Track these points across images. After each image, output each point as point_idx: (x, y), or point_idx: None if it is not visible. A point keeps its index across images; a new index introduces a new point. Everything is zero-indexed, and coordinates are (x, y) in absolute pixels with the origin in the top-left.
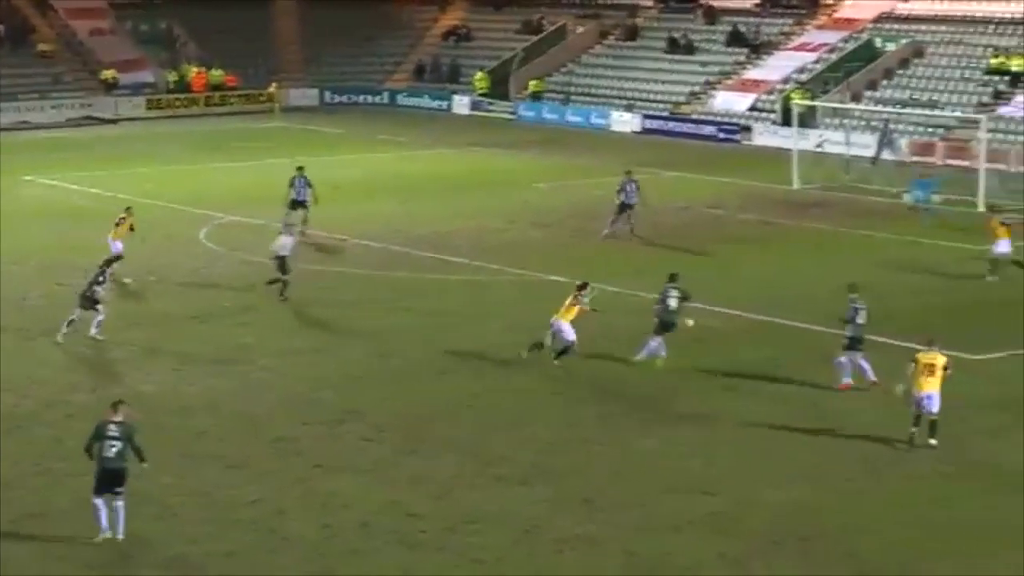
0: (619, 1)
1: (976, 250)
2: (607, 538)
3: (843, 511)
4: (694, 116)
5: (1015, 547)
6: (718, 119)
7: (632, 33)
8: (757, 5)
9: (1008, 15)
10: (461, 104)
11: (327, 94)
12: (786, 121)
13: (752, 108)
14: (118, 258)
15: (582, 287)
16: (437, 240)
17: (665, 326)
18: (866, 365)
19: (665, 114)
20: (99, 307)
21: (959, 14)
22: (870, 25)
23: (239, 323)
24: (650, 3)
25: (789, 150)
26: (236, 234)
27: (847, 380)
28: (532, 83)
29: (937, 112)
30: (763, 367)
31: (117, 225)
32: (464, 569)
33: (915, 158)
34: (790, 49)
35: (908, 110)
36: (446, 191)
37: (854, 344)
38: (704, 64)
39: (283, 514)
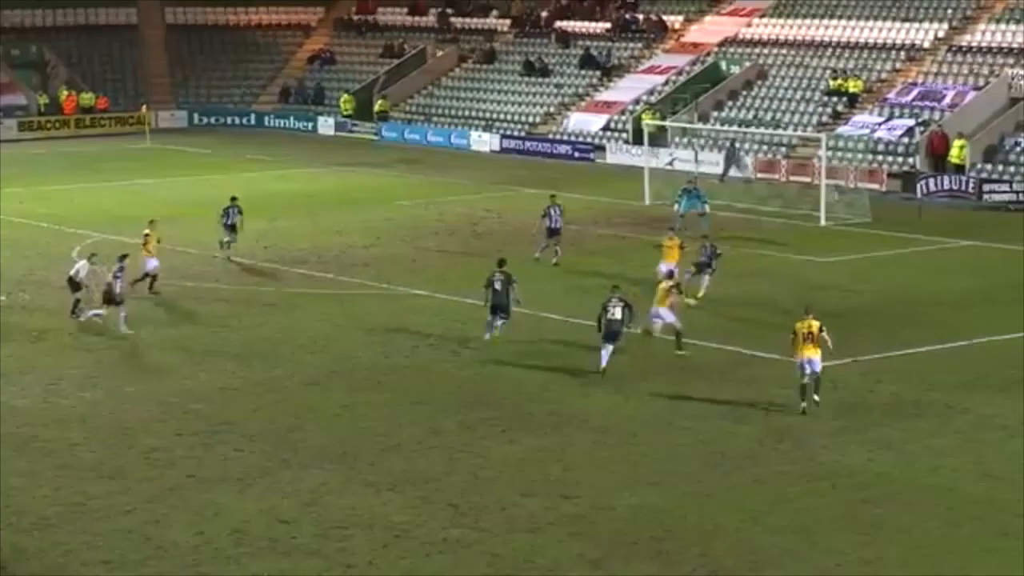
0: (477, 26)
1: (820, 262)
2: (472, 541)
3: (694, 512)
4: (550, 136)
5: (859, 545)
6: (573, 139)
7: (490, 57)
8: (608, 30)
9: (845, 40)
10: (326, 125)
11: (196, 116)
12: (637, 141)
13: (605, 128)
14: (155, 276)
15: (671, 277)
16: (304, 256)
17: (611, 335)
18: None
19: (522, 134)
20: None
21: (800, 38)
22: (716, 49)
23: (113, 338)
24: (506, 28)
25: (641, 168)
26: (108, 252)
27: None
28: (379, 103)
29: (780, 131)
30: (616, 373)
31: (145, 244)
32: (336, 572)
33: (760, 175)
34: (640, 72)
35: (753, 129)
36: (313, 209)
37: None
38: (559, 86)
39: (158, 523)
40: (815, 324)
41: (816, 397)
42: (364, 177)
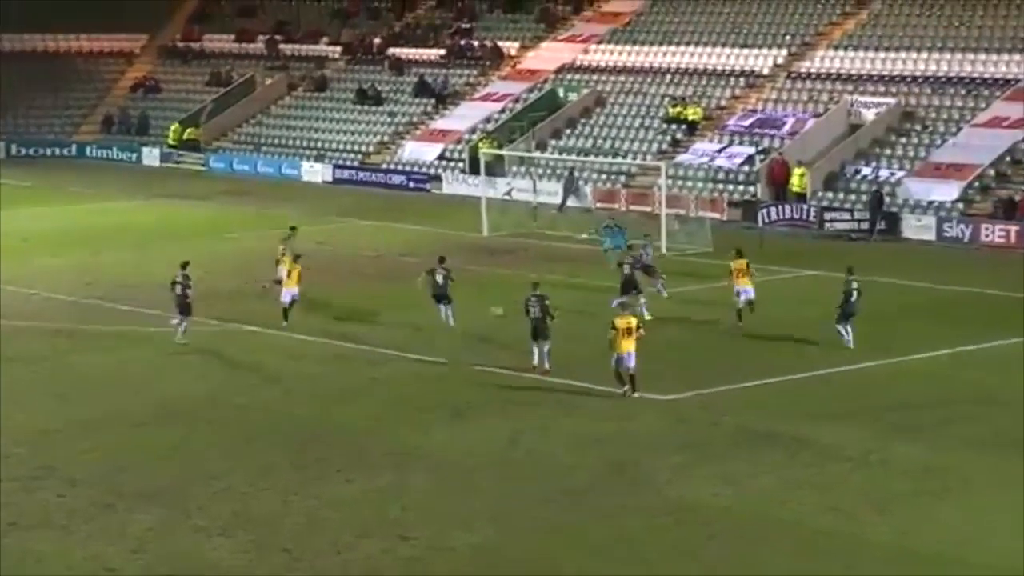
0: (307, 53)
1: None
2: None
3: (535, 550)
4: (384, 166)
5: None
6: (408, 168)
7: (321, 84)
8: (443, 57)
9: (684, 66)
10: (151, 156)
11: (14, 147)
12: (474, 170)
13: (441, 157)
14: (293, 302)
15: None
16: (129, 292)
17: (538, 333)
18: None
19: (355, 164)
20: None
21: (638, 65)
22: (553, 76)
23: None
24: (338, 55)
25: (478, 198)
26: None
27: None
28: (185, 131)
29: (619, 160)
30: (456, 410)
31: (291, 276)
32: None
33: (599, 204)
34: (476, 100)
35: (592, 158)
36: (137, 242)
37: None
38: (392, 115)
39: None
40: (634, 321)
41: (636, 394)
42: (191, 209)
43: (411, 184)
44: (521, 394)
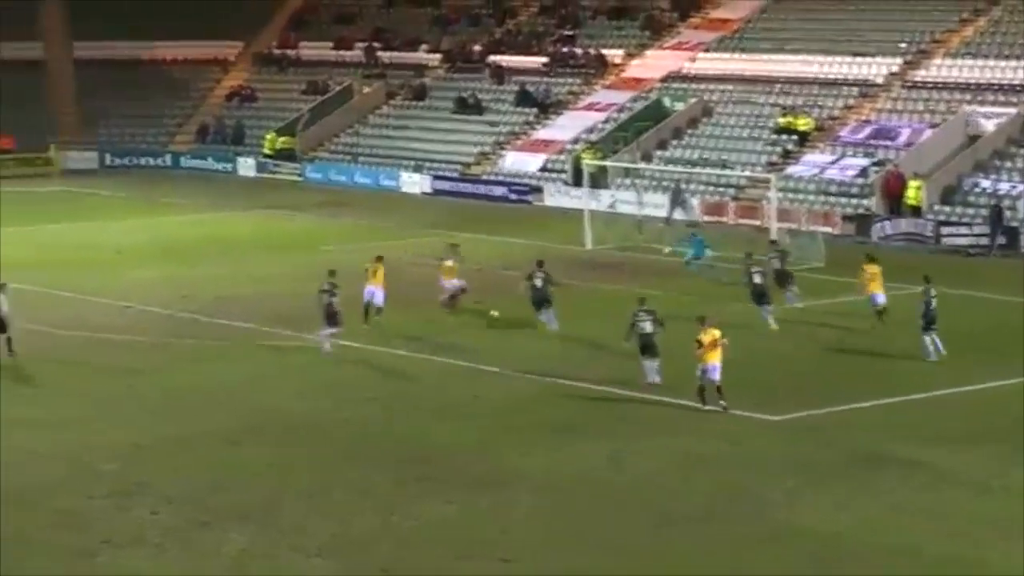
0: (406, 61)
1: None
2: None
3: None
4: (484, 177)
5: None
6: (509, 180)
7: (419, 93)
8: (545, 65)
9: (795, 75)
10: (247, 166)
11: (108, 157)
12: (577, 181)
13: (543, 168)
14: (378, 309)
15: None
16: (224, 306)
17: (647, 349)
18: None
19: (455, 175)
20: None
21: (746, 74)
22: (658, 85)
23: (17, 393)
24: (437, 63)
25: (581, 210)
26: (18, 301)
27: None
28: (280, 140)
29: (727, 172)
30: (558, 428)
31: (375, 275)
32: None
33: (707, 218)
34: (579, 109)
35: (699, 170)
36: (232, 255)
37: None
38: (493, 124)
39: None
40: (717, 332)
41: (723, 403)
42: (287, 220)
43: (512, 196)
44: (625, 412)
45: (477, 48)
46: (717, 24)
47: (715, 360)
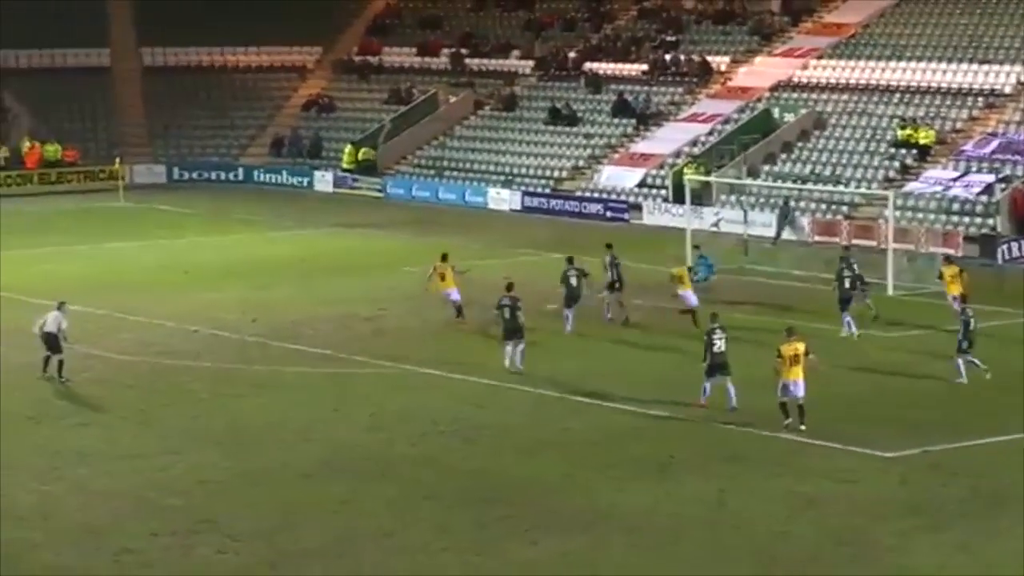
0: (495, 68)
1: (886, 337)
2: None
3: None
4: (578, 193)
5: None
6: (604, 196)
7: (510, 103)
8: (645, 73)
9: (915, 84)
10: (324, 181)
11: (176, 170)
12: (678, 198)
13: (641, 184)
14: (459, 309)
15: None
16: (298, 330)
17: (717, 368)
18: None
19: (547, 191)
20: None
21: (862, 82)
22: (767, 94)
23: (78, 423)
24: (529, 71)
25: (682, 229)
26: (78, 324)
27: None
28: (359, 152)
29: (841, 188)
30: (654, 464)
31: (442, 278)
32: None
33: (818, 238)
34: (681, 120)
35: (810, 186)
36: (308, 276)
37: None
38: (588, 136)
39: None
40: (801, 347)
41: (803, 427)
42: (367, 239)
43: (608, 213)
44: (726, 448)
45: (572, 55)
46: (831, 29)
47: (797, 376)
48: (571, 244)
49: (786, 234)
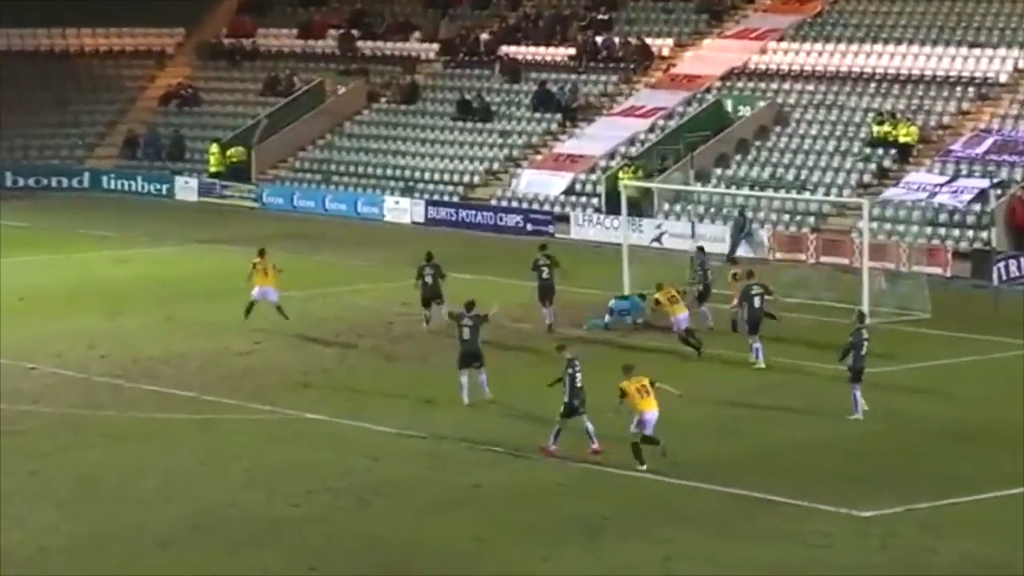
0: (393, 53)
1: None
2: None
3: None
4: (493, 202)
5: None
6: (524, 206)
7: (410, 94)
8: (572, 58)
9: (894, 71)
10: (187, 188)
11: (8, 176)
12: (613, 208)
13: (568, 191)
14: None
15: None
16: (156, 368)
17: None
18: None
19: (455, 200)
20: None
21: (831, 69)
22: (718, 84)
23: None
24: (433, 55)
25: (618, 245)
26: None
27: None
28: (227, 153)
29: (807, 196)
30: (584, 526)
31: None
32: None
33: (780, 255)
34: (616, 115)
35: (769, 193)
36: (168, 302)
37: None
38: (505, 134)
39: None
40: (645, 379)
41: (661, 442)
42: (239, 258)
43: (529, 226)
44: (670, 507)
45: (485, 36)
46: (794, 6)
47: (652, 407)
48: (484, 262)
49: (742, 250)
